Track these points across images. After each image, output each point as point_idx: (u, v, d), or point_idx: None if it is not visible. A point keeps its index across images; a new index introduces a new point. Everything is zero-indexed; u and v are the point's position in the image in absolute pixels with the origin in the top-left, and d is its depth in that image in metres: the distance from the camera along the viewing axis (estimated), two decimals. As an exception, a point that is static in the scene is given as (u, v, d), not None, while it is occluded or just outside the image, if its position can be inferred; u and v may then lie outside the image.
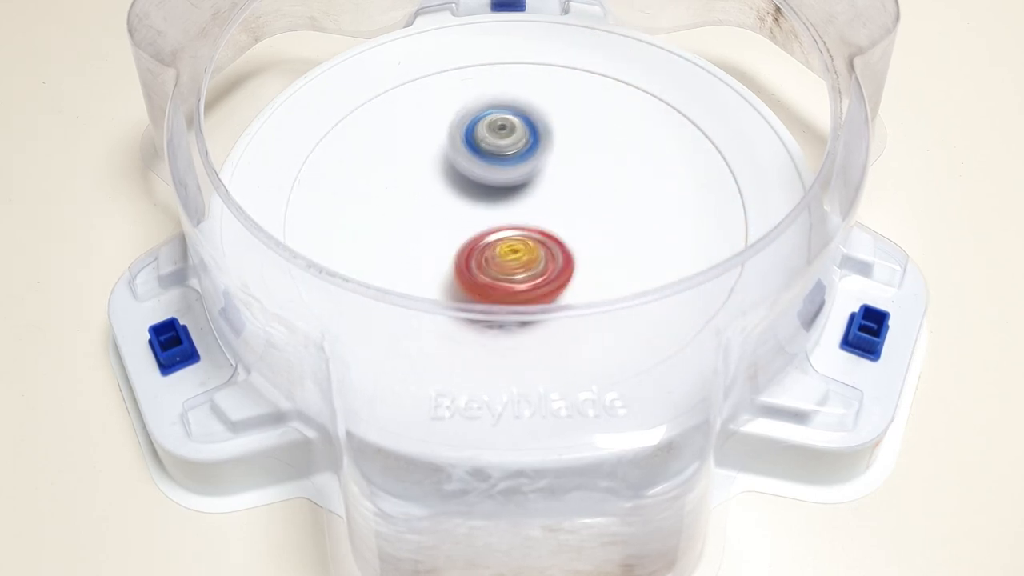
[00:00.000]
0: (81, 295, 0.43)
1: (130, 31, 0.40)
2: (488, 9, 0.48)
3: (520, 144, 0.41)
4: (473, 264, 0.37)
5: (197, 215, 0.38)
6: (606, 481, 0.33)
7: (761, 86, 0.48)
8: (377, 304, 0.33)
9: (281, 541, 0.38)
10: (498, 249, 0.38)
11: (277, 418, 0.37)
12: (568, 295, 0.38)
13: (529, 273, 0.37)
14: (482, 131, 0.41)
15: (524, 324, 0.36)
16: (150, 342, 0.39)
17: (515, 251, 0.38)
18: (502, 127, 0.41)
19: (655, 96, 0.45)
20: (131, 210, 0.46)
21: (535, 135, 0.41)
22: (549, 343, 0.36)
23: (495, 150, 0.41)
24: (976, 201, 0.46)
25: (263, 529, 0.38)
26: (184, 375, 0.38)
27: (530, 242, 0.38)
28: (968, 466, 0.39)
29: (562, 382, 0.35)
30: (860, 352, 0.39)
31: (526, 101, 0.42)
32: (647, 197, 0.41)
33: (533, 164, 0.41)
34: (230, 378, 0.38)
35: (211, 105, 0.48)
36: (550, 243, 0.38)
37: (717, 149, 0.43)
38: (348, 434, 0.33)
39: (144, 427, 0.39)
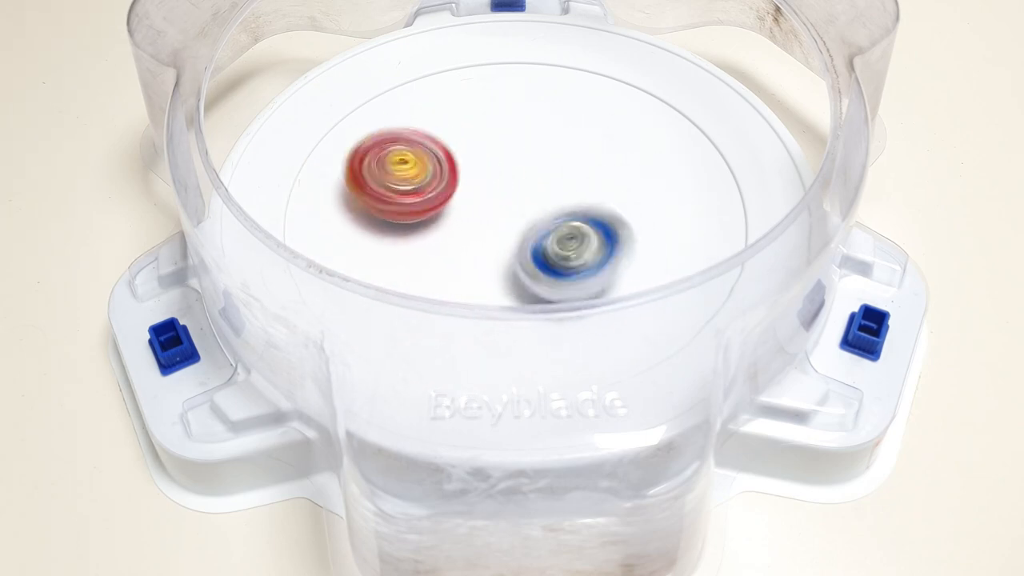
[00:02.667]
0: (81, 295, 0.43)
1: (130, 31, 0.40)
2: (488, 9, 0.48)
3: (595, 254, 0.38)
4: (364, 167, 0.40)
5: (197, 215, 0.38)
6: (606, 481, 0.33)
7: (761, 86, 0.48)
8: (377, 304, 0.33)
9: (281, 541, 0.38)
10: (388, 159, 0.40)
11: (277, 418, 0.37)
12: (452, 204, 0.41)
13: (414, 187, 0.40)
14: (552, 245, 0.38)
15: (524, 323, 0.36)
16: (150, 342, 0.39)
17: (404, 162, 0.40)
18: (572, 237, 0.38)
19: (655, 96, 0.45)
20: (131, 210, 0.46)
21: (611, 242, 0.38)
22: (549, 343, 0.36)
23: (564, 263, 0.38)
24: (976, 201, 0.46)
25: (263, 529, 0.38)
26: (184, 375, 0.38)
27: (420, 153, 0.40)
28: (968, 466, 0.39)
29: (562, 382, 0.35)
30: (860, 352, 0.39)
31: (597, 206, 0.39)
32: (647, 197, 0.41)
33: (609, 273, 0.38)
34: (230, 378, 0.38)
35: (211, 105, 0.48)
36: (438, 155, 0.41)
37: (717, 149, 0.43)
38: (348, 434, 0.33)
39: (144, 427, 0.39)
